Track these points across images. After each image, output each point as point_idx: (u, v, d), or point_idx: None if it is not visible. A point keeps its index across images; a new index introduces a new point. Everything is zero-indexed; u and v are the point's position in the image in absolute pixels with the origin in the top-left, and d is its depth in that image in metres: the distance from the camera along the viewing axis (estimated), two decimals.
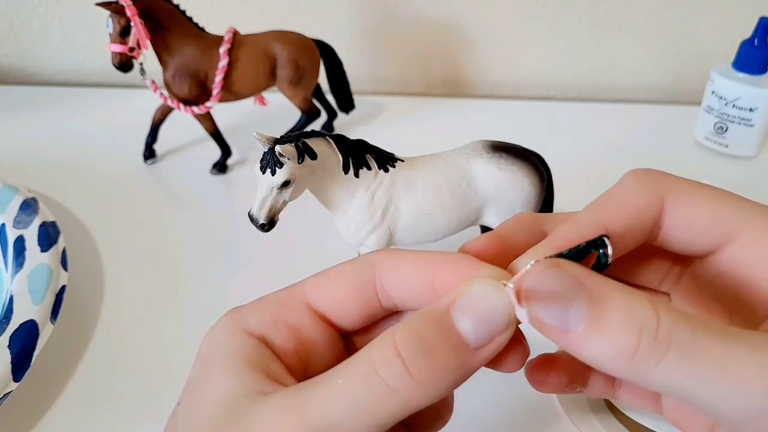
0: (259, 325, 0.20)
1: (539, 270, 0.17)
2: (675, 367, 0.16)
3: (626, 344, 0.16)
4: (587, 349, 0.16)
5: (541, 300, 0.17)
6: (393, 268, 0.20)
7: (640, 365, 0.16)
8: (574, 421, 0.34)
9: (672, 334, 0.16)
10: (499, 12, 0.75)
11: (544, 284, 0.17)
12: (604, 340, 0.16)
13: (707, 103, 0.61)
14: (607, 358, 0.16)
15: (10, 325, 0.36)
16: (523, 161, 0.38)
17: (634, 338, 0.16)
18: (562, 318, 0.16)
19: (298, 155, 0.34)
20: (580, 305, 0.16)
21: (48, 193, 0.55)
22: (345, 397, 0.16)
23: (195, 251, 0.49)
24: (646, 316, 0.16)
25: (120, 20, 0.51)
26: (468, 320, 0.17)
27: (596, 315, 0.16)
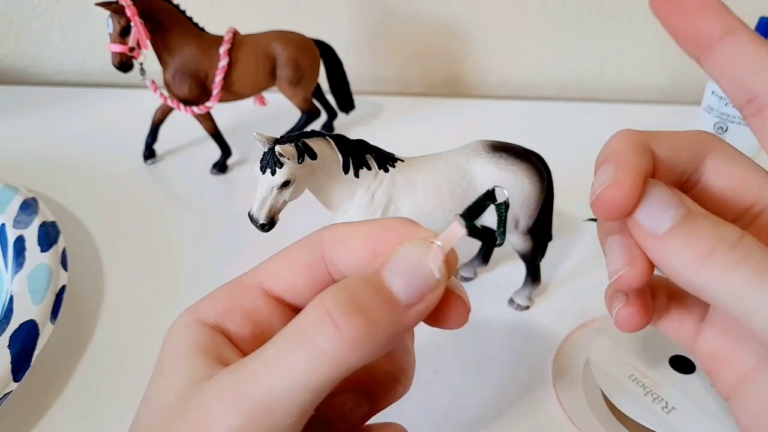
0: (213, 314, 0.20)
1: (649, 181, 0.19)
2: (743, 279, 0.17)
3: (705, 247, 0.17)
4: (671, 248, 0.18)
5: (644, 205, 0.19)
6: (339, 241, 0.20)
7: (713, 268, 0.17)
8: (574, 421, 0.34)
9: (749, 252, 0.17)
10: (499, 12, 0.75)
11: (649, 192, 0.19)
12: (687, 242, 0.18)
13: (707, 103, 0.61)
14: (685, 259, 0.18)
15: (10, 325, 0.36)
16: (523, 161, 0.38)
17: (713, 243, 0.17)
18: (657, 220, 0.18)
19: (298, 155, 0.34)
20: (676, 213, 0.18)
21: (48, 193, 0.55)
22: (277, 366, 0.16)
23: (195, 251, 0.49)
24: (729, 232, 0.18)
25: (120, 20, 0.51)
26: (397, 278, 0.18)
27: (688, 221, 0.18)
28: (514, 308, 0.43)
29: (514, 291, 0.44)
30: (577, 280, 0.46)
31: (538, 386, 0.37)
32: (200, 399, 0.17)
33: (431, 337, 0.41)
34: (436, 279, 0.18)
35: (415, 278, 0.18)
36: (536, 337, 0.41)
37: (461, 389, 0.37)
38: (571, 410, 0.35)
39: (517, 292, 0.43)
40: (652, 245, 0.19)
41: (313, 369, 0.16)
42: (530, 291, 0.43)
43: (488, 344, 0.41)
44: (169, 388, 0.18)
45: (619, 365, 0.34)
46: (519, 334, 0.42)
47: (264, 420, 0.16)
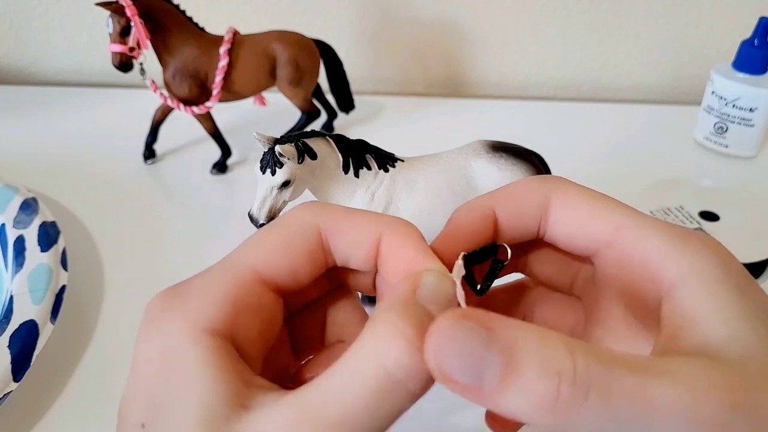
0: (221, 319, 0.18)
1: (449, 325, 0.16)
2: (597, 410, 0.15)
3: (546, 394, 0.15)
4: (506, 403, 0.15)
5: (451, 358, 0.16)
6: (339, 229, 0.20)
7: (562, 413, 0.15)
8: None
9: (590, 377, 0.15)
10: (499, 12, 0.75)
11: (454, 340, 0.16)
12: (522, 393, 0.15)
13: (707, 103, 0.61)
14: (528, 410, 0.15)
15: (10, 325, 0.37)
16: (523, 161, 0.38)
17: (554, 386, 0.15)
18: (476, 374, 0.15)
19: (298, 155, 0.34)
20: (493, 361, 0.15)
21: (48, 193, 0.55)
22: (365, 409, 0.16)
23: (195, 251, 0.49)
24: (562, 361, 0.15)
25: (120, 20, 0.51)
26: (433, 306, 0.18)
27: (512, 368, 0.15)
28: None
29: None
30: None
31: None
32: None
33: None
34: None
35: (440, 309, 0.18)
36: None
37: None
38: None
39: None
40: (482, 399, 0.16)
41: (402, 411, 0.16)
42: None
43: None
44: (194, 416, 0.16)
45: None
46: None
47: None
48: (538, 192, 0.22)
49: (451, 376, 0.16)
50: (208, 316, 0.18)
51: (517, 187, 0.22)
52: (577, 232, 0.21)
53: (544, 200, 0.21)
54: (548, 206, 0.21)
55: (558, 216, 0.21)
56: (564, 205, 0.21)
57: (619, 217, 0.20)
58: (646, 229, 0.19)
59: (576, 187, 0.22)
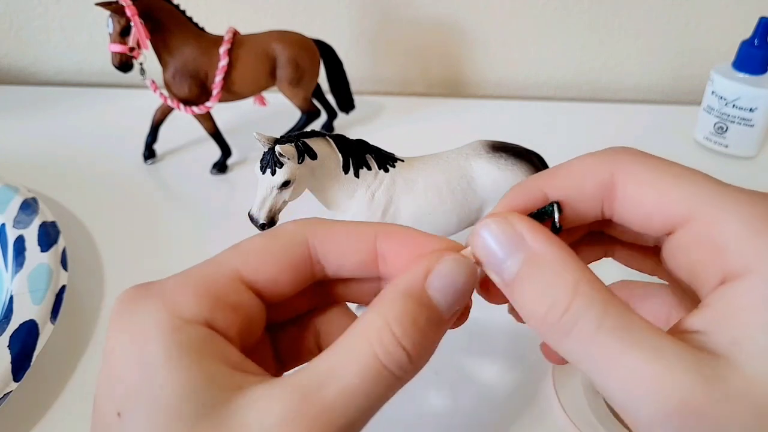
0: (199, 309, 0.18)
1: (489, 220, 0.19)
2: (575, 347, 0.17)
3: (536, 312, 0.17)
4: (514, 300, 0.18)
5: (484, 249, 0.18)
6: (330, 239, 0.20)
7: (548, 333, 0.17)
8: (574, 421, 0.34)
9: (578, 319, 0.17)
10: (499, 12, 0.75)
11: (490, 234, 0.18)
12: (522, 300, 0.18)
13: (707, 103, 0.61)
14: (526, 314, 0.18)
15: (10, 325, 0.36)
16: (523, 161, 0.38)
17: (543, 310, 0.17)
18: (499, 266, 0.18)
19: (298, 155, 0.34)
20: (516, 260, 0.18)
21: (48, 193, 0.55)
22: (360, 396, 0.17)
23: (195, 251, 0.49)
24: (562, 293, 0.17)
25: (120, 20, 0.51)
26: (444, 295, 0.19)
27: (527, 274, 0.18)
28: None
29: None
30: None
31: (538, 386, 0.37)
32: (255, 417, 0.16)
33: None
34: (471, 291, 0.19)
35: (458, 295, 0.19)
36: (536, 337, 0.41)
37: (461, 389, 0.37)
38: (571, 410, 0.35)
39: None
40: (500, 286, 0.19)
41: (387, 394, 0.18)
42: None
43: (488, 344, 0.41)
44: (178, 402, 0.16)
45: None
46: (519, 334, 0.41)
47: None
48: (600, 170, 0.20)
49: (482, 260, 0.19)
50: (186, 306, 0.18)
51: (574, 166, 0.21)
52: (647, 214, 0.19)
53: (608, 179, 0.20)
54: (613, 185, 0.20)
55: (626, 197, 0.20)
56: (632, 183, 0.19)
57: (694, 196, 0.18)
58: (724, 211, 0.18)
59: (643, 159, 0.20)
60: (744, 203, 0.18)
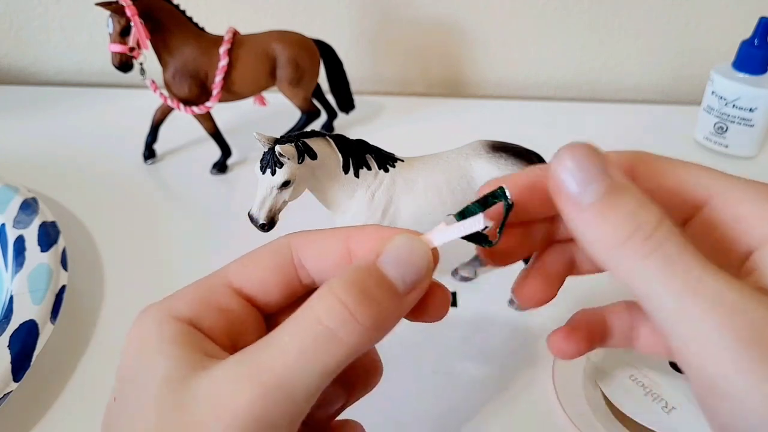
0: (186, 310, 0.20)
1: (575, 145, 0.19)
2: (652, 269, 0.17)
3: (622, 232, 0.17)
4: (590, 222, 0.18)
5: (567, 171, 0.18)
6: (308, 243, 0.22)
7: (625, 254, 0.17)
8: (574, 420, 0.35)
9: (664, 242, 0.17)
10: (499, 12, 0.75)
11: (574, 158, 0.18)
12: (605, 222, 0.18)
13: (707, 103, 0.61)
14: (600, 239, 0.18)
15: (10, 325, 0.37)
16: (523, 161, 0.38)
17: (630, 230, 0.17)
18: (581, 190, 0.18)
19: (298, 155, 0.34)
20: (599, 186, 0.18)
21: (48, 193, 0.55)
22: (295, 352, 0.18)
23: (195, 251, 0.49)
24: (648, 218, 0.17)
25: (120, 20, 0.51)
26: (395, 267, 0.19)
27: (610, 199, 0.18)
28: (514, 308, 0.43)
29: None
30: (577, 280, 0.46)
31: (538, 386, 0.37)
32: (209, 388, 0.18)
33: (431, 337, 0.41)
34: (428, 268, 0.19)
35: (409, 268, 0.19)
36: (536, 337, 0.41)
37: (461, 389, 0.37)
38: (571, 410, 0.35)
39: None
40: (571, 213, 0.19)
41: (330, 354, 0.18)
42: None
43: (488, 344, 0.41)
44: (156, 382, 0.18)
45: (619, 365, 0.34)
46: (519, 334, 0.41)
47: (281, 402, 0.17)
48: (621, 160, 0.21)
49: (562, 184, 0.18)
50: (176, 307, 0.20)
51: None
52: (668, 201, 0.20)
53: (627, 168, 0.21)
54: (634, 174, 0.21)
55: (649, 182, 0.21)
56: (650, 173, 0.21)
57: (709, 180, 0.20)
58: (739, 190, 0.19)
59: (655, 155, 0.21)
60: (755, 184, 0.20)
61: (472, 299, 0.44)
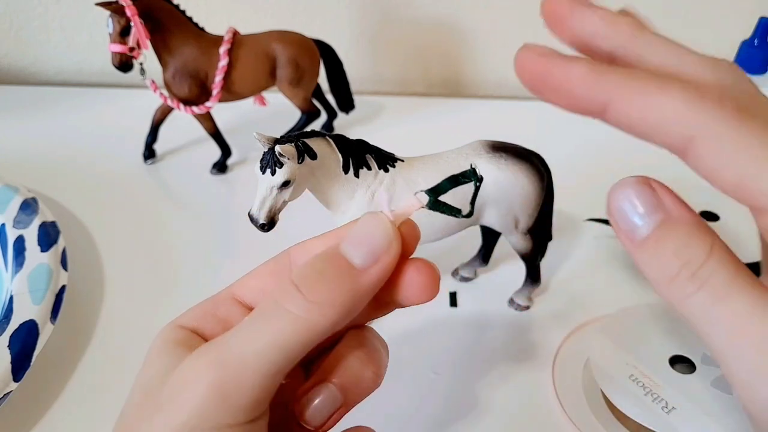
0: (191, 320, 0.22)
1: (629, 180, 0.19)
2: (702, 306, 0.17)
3: (668, 271, 0.18)
4: (642, 260, 0.18)
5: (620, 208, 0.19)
6: (303, 248, 0.23)
7: (675, 292, 0.18)
8: (574, 420, 0.35)
9: (711, 276, 0.17)
10: (499, 12, 0.75)
11: (628, 193, 0.19)
12: (655, 260, 0.18)
13: None
14: (653, 275, 0.18)
15: (10, 325, 0.37)
16: (523, 161, 0.38)
17: (676, 268, 0.17)
18: (633, 226, 0.18)
19: (298, 155, 0.34)
20: (651, 221, 0.18)
21: (48, 193, 0.55)
22: (252, 329, 0.19)
23: (195, 251, 0.49)
24: (696, 253, 0.17)
25: (120, 20, 0.51)
26: (351, 246, 0.20)
27: (660, 235, 0.18)
28: (514, 308, 0.43)
29: (514, 291, 0.44)
30: (577, 280, 0.46)
31: (538, 386, 0.37)
32: (180, 368, 0.19)
33: (431, 337, 0.41)
34: (388, 241, 0.20)
35: (367, 242, 0.20)
36: (536, 337, 0.41)
37: (461, 389, 0.37)
38: (571, 410, 0.35)
39: (518, 292, 0.43)
40: (629, 247, 0.19)
41: (284, 329, 0.18)
42: (530, 291, 0.43)
43: (488, 344, 0.41)
44: (149, 374, 0.20)
45: (619, 365, 0.34)
46: (519, 334, 0.42)
47: (235, 375, 0.18)
48: None
49: (616, 219, 0.19)
50: (183, 320, 0.22)
51: None
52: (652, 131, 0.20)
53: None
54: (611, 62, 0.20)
55: None
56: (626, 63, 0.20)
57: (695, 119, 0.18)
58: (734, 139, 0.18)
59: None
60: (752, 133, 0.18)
61: (472, 299, 0.44)
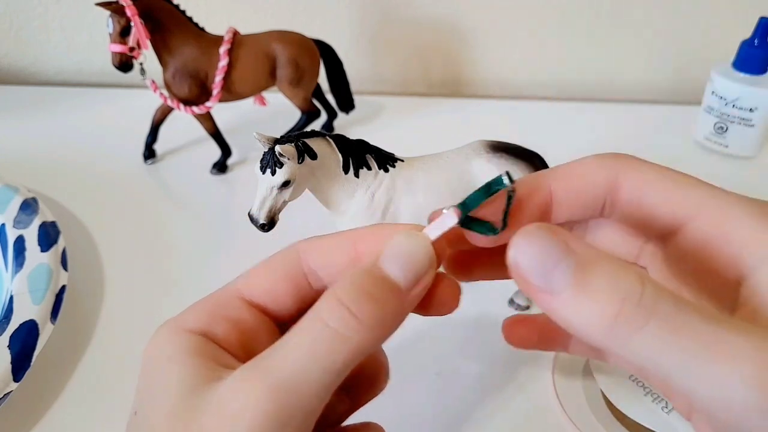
0: (198, 323, 0.20)
1: (534, 230, 0.17)
2: (656, 336, 0.15)
3: (609, 309, 0.16)
4: (568, 311, 0.16)
5: (529, 258, 0.17)
6: (315, 247, 0.22)
7: (621, 331, 0.16)
8: (574, 420, 0.34)
9: (656, 304, 0.16)
10: (499, 12, 0.75)
11: (531, 244, 0.17)
12: (586, 304, 0.16)
13: (707, 104, 0.61)
14: (587, 322, 0.16)
15: (10, 325, 0.37)
16: (523, 161, 0.38)
17: (617, 303, 0.16)
18: (547, 278, 0.17)
19: (298, 155, 0.34)
20: (567, 267, 0.16)
21: (48, 193, 0.55)
22: (301, 353, 0.18)
23: (195, 251, 0.49)
24: (631, 283, 0.16)
25: (120, 20, 0.51)
26: (394, 266, 0.19)
27: (582, 278, 0.16)
28: (515, 308, 0.43)
29: (514, 291, 0.44)
30: None
31: (538, 386, 0.37)
32: (222, 393, 0.18)
33: (432, 337, 0.41)
34: (430, 262, 0.19)
35: (410, 264, 0.19)
36: None
37: (461, 389, 0.37)
38: (571, 410, 0.35)
39: (518, 293, 0.43)
40: (548, 304, 0.17)
41: (335, 352, 0.18)
42: None
43: (488, 344, 0.41)
44: (171, 392, 0.18)
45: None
46: None
47: (292, 403, 0.17)
48: (606, 170, 0.21)
49: (526, 276, 0.17)
50: (188, 321, 0.21)
51: (579, 164, 0.21)
52: (656, 210, 0.20)
53: (612, 178, 0.21)
54: (619, 184, 0.20)
55: (634, 193, 0.20)
56: (640, 182, 0.20)
57: (701, 193, 0.19)
58: (731, 207, 0.19)
59: (647, 164, 0.21)
60: (746, 201, 0.19)
61: (472, 299, 0.44)
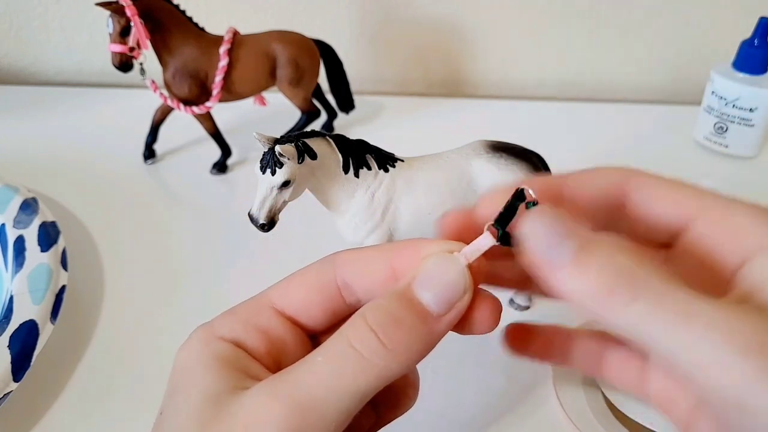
0: (230, 331, 0.21)
1: (540, 210, 0.19)
2: (645, 309, 0.17)
3: (604, 283, 0.17)
4: (568, 282, 0.18)
5: (537, 232, 0.18)
6: (352, 261, 0.22)
7: (611, 306, 0.17)
8: (574, 420, 0.34)
9: (647, 282, 0.17)
10: (499, 12, 0.75)
11: (544, 220, 0.18)
12: (584, 277, 0.18)
13: (707, 103, 0.61)
14: (582, 293, 0.18)
15: (10, 325, 0.37)
16: (523, 161, 0.38)
17: (612, 279, 0.17)
18: (552, 252, 0.18)
19: (298, 155, 0.34)
20: (570, 244, 0.18)
21: (48, 193, 0.55)
22: (326, 373, 0.18)
23: (195, 251, 0.49)
24: (626, 264, 0.17)
25: (120, 20, 0.51)
26: (427, 291, 0.19)
27: (582, 254, 0.18)
28: (515, 308, 0.43)
29: (514, 291, 0.44)
30: None
31: (538, 386, 0.37)
32: (242, 403, 0.18)
33: None
34: (464, 288, 0.19)
35: (443, 290, 0.19)
36: None
37: (461, 389, 0.37)
38: (571, 410, 0.35)
39: (518, 292, 0.43)
40: (550, 275, 0.18)
41: (360, 377, 0.18)
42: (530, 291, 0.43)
43: (488, 344, 0.41)
44: (199, 397, 0.19)
45: None
46: None
47: (311, 423, 0.17)
48: (616, 175, 0.22)
49: (531, 247, 0.18)
50: (219, 327, 0.21)
51: (591, 170, 0.22)
52: (664, 210, 0.21)
53: (623, 181, 0.21)
54: (628, 188, 0.21)
55: (643, 196, 0.21)
56: (648, 186, 0.21)
57: (705, 196, 0.20)
58: (734, 206, 0.20)
59: (654, 174, 0.22)
60: (741, 202, 0.20)
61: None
